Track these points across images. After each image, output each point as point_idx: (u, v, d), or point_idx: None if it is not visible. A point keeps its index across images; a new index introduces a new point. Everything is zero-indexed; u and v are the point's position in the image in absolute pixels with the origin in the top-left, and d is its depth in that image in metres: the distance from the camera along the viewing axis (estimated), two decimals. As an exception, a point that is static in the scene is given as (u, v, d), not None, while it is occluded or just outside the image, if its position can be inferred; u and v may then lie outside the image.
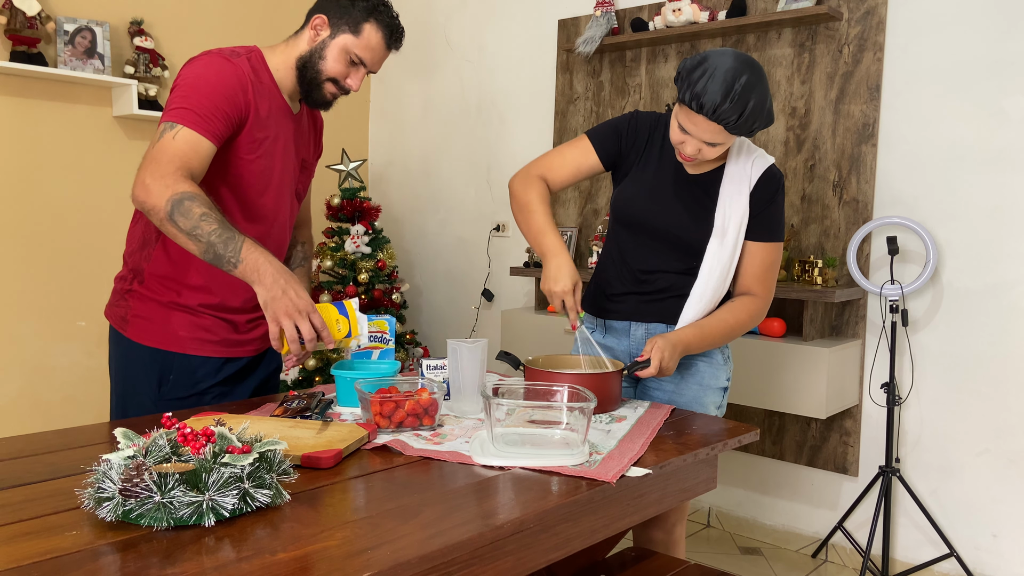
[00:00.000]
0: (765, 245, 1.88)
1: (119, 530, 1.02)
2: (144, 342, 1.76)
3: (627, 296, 1.96)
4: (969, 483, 2.81)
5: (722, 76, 1.64)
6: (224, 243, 1.51)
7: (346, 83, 1.77)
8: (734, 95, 1.64)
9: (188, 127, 1.59)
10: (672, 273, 1.91)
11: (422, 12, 4.32)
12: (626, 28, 3.50)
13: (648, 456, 1.44)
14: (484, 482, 1.27)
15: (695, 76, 1.67)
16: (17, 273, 3.32)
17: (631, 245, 1.95)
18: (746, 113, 1.66)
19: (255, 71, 1.73)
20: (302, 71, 1.76)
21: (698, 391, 1.93)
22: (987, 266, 2.75)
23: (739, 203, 1.84)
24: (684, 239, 1.87)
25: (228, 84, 1.65)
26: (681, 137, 1.77)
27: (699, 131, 1.72)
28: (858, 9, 2.96)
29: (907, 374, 2.91)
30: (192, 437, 1.08)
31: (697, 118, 1.70)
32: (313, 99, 1.80)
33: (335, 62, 1.75)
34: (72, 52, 3.31)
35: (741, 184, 1.85)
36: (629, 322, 1.97)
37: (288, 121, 1.82)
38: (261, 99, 1.73)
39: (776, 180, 1.88)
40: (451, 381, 1.71)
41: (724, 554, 3.14)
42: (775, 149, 3.15)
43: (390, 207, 4.53)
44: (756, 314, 1.89)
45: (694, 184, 1.89)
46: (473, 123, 4.16)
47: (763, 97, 1.68)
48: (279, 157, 1.81)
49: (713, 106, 1.65)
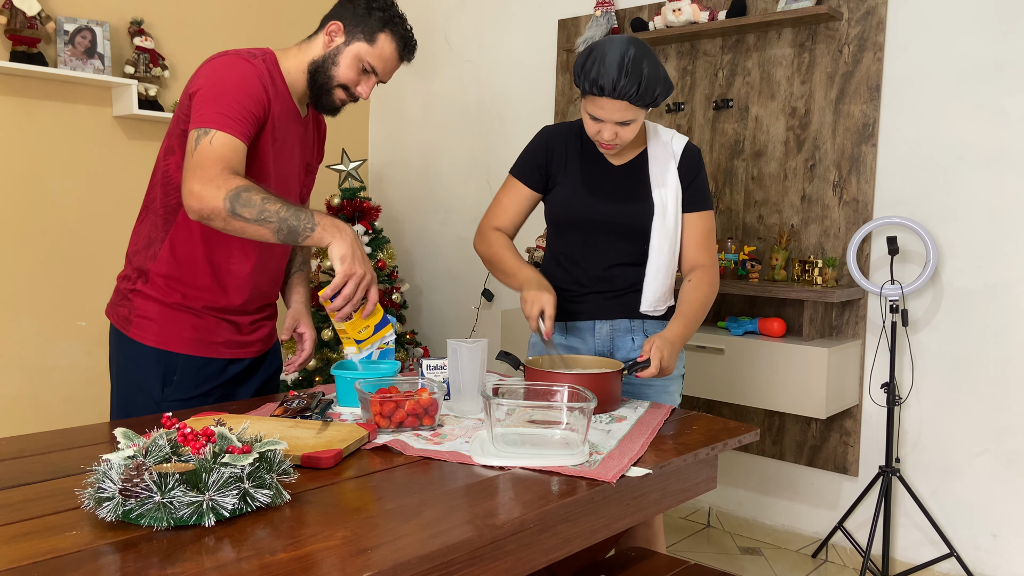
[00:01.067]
0: (700, 214, 2.00)
1: (119, 530, 1.02)
2: (148, 343, 1.76)
3: (589, 296, 2.01)
4: (969, 483, 2.81)
5: (611, 56, 1.76)
6: (295, 215, 1.54)
7: (356, 90, 1.78)
8: (626, 68, 1.74)
9: (222, 131, 1.60)
10: (628, 266, 1.98)
11: (422, 12, 4.32)
12: (626, 28, 3.50)
13: (648, 456, 1.44)
14: (484, 482, 1.27)
15: (588, 65, 1.78)
16: (17, 273, 3.32)
17: (580, 247, 2.00)
18: (643, 82, 1.76)
19: (269, 73, 1.74)
20: (314, 75, 1.77)
21: (664, 381, 2.00)
22: (987, 266, 2.75)
23: (670, 180, 1.96)
24: (630, 224, 1.95)
25: (252, 84, 1.67)
26: (595, 127, 1.86)
27: (608, 113, 1.81)
28: (858, 9, 2.96)
29: (907, 374, 2.91)
30: (192, 437, 1.08)
31: (602, 101, 1.79)
32: (323, 104, 1.81)
33: (347, 69, 1.75)
34: (72, 52, 3.31)
35: (667, 161, 1.97)
36: (594, 321, 2.01)
37: (296, 125, 1.83)
38: (276, 101, 1.74)
39: (696, 153, 2.01)
40: (451, 381, 1.71)
41: (724, 554, 3.14)
42: (775, 149, 3.15)
43: (390, 207, 4.53)
44: (714, 283, 2.00)
45: (623, 173, 1.98)
46: (473, 123, 4.16)
47: (655, 66, 1.79)
48: (286, 160, 1.81)
49: (612, 83, 1.75)
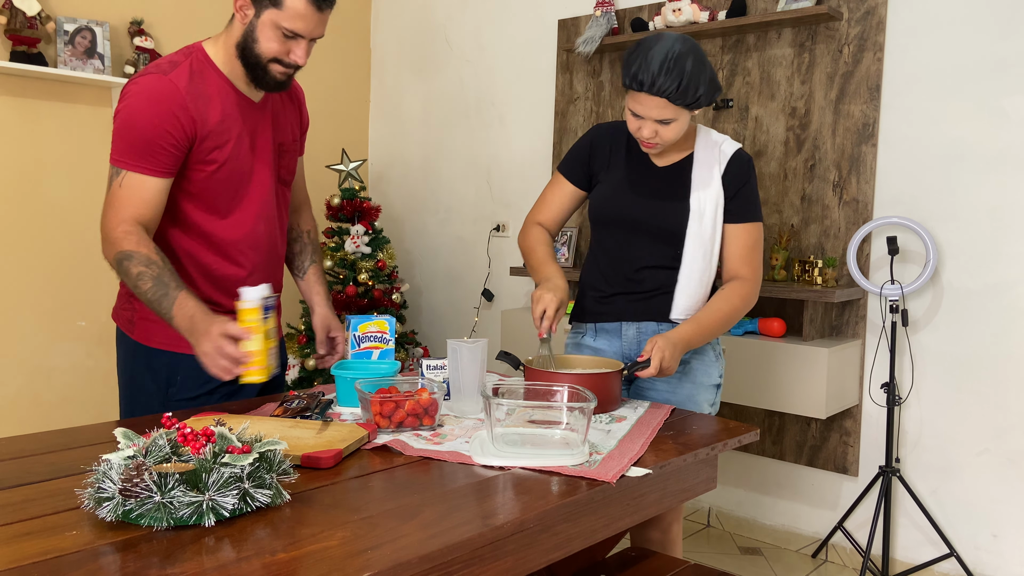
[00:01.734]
0: (745, 226, 1.93)
1: (119, 530, 1.02)
2: (152, 344, 1.76)
3: (615, 297, 1.99)
4: (969, 483, 2.81)
5: (655, 52, 1.74)
6: (160, 300, 1.56)
7: (290, 59, 1.66)
8: (668, 64, 1.72)
9: (132, 171, 1.60)
10: (660, 269, 1.94)
11: (422, 12, 4.31)
12: (626, 28, 3.50)
13: (648, 456, 1.44)
14: (484, 482, 1.27)
15: (631, 60, 1.77)
16: (17, 273, 3.32)
17: (614, 244, 1.98)
18: (684, 80, 1.73)
19: (199, 75, 1.67)
20: (243, 58, 1.68)
21: (692, 389, 1.95)
22: (987, 266, 2.75)
23: (712, 185, 1.90)
24: (664, 227, 1.92)
25: (162, 115, 1.60)
26: (635, 123, 1.83)
27: (647, 109, 1.79)
28: (858, 9, 2.96)
29: (907, 374, 2.91)
30: (192, 437, 1.08)
31: (641, 96, 1.77)
32: (265, 84, 1.71)
33: (269, 41, 1.64)
34: (72, 52, 3.31)
35: (711, 168, 1.91)
36: (620, 323, 1.99)
37: (250, 113, 1.75)
38: (209, 107, 1.67)
39: (746, 161, 1.94)
40: (451, 381, 1.71)
41: (724, 554, 3.14)
42: (775, 149, 3.15)
43: (390, 207, 4.53)
44: (748, 297, 1.92)
45: (665, 174, 1.95)
46: (473, 123, 4.16)
47: (699, 64, 1.75)
48: (246, 155, 1.75)
49: (652, 79, 1.73)
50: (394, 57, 4.46)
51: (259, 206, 1.80)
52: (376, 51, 4.55)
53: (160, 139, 1.60)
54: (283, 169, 1.87)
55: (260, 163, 1.79)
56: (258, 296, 1.53)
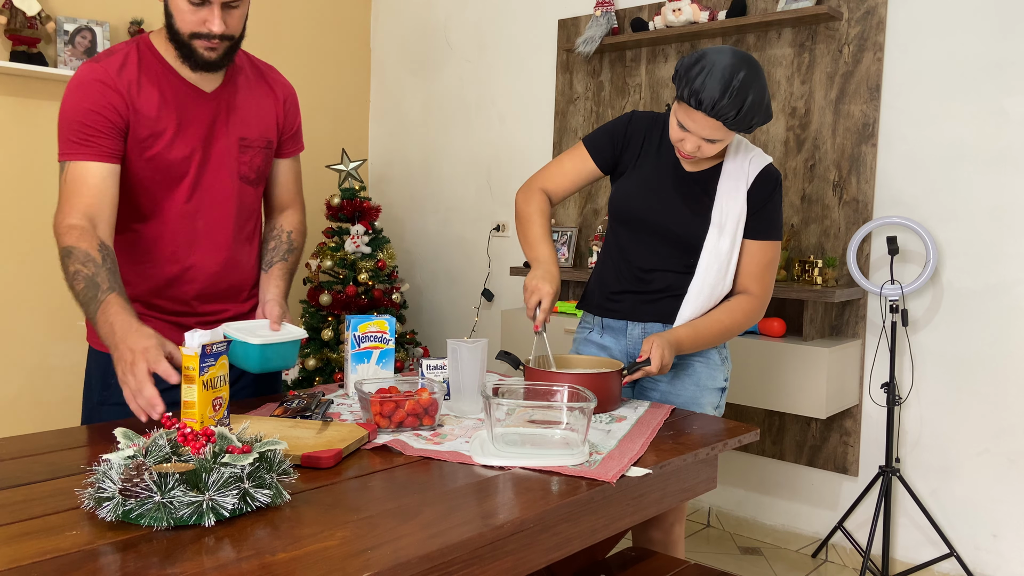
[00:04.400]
0: (762, 244, 1.88)
1: (119, 530, 1.02)
2: (93, 344, 1.76)
3: (624, 295, 1.97)
4: (969, 483, 2.81)
5: (720, 72, 1.66)
6: (88, 303, 1.48)
7: (207, 28, 1.56)
8: (732, 91, 1.65)
9: (71, 160, 1.57)
10: (671, 272, 1.91)
11: (422, 12, 4.31)
12: (626, 28, 3.50)
13: (648, 456, 1.44)
14: (484, 482, 1.27)
15: (693, 73, 1.69)
16: (17, 273, 3.32)
17: (630, 242, 1.95)
18: (744, 108, 1.67)
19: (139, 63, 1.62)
20: (172, 40, 1.61)
21: (695, 392, 1.94)
22: (987, 266, 2.75)
23: (736, 200, 1.85)
24: (682, 235, 1.88)
25: (92, 96, 1.56)
26: (680, 134, 1.78)
27: (698, 128, 1.73)
28: (858, 9, 2.96)
29: (907, 374, 2.91)
30: (192, 437, 1.08)
31: (696, 115, 1.71)
32: (195, 62, 1.61)
33: (182, 14, 1.56)
34: (72, 52, 3.31)
35: (739, 181, 1.86)
36: (626, 321, 1.98)
37: (199, 103, 1.67)
38: (143, 93, 1.61)
39: (773, 179, 1.88)
40: (451, 381, 1.71)
41: (724, 554, 3.14)
42: (775, 149, 3.15)
43: (390, 207, 4.53)
44: (752, 313, 1.89)
45: (692, 181, 1.90)
46: (473, 123, 4.16)
47: (761, 93, 1.69)
48: (187, 146, 1.66)
49: (712, 102, 1.66)
50: (394, 57, 4.46)
51: (202, 200, 1.70)
52: (376, 51, 4.55)
53: (93, 122, 1.56)
54: (244, 166, 1.75)
55: (212, 156, 1.70)
56: (198, 343, 1.33)
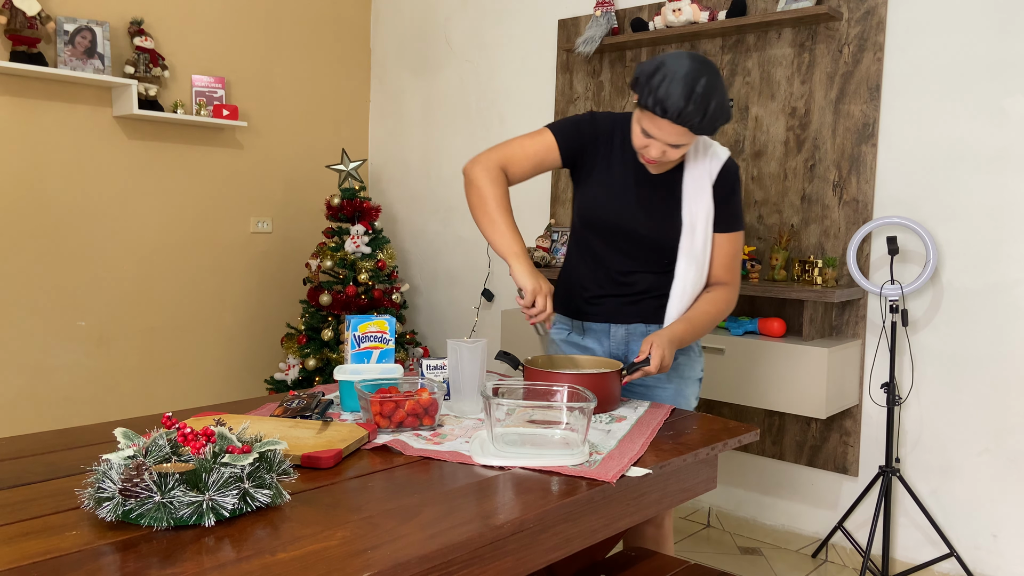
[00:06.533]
0: (730, 235, 1.95)
1: (119, 530, 1.02)
2: None
3: (605, 298, 1.99)
4: (969, 483, 2.81)
5: (682, 79, 1.68)
6: None
7: None
8: (696, 97, 1.68)
9: None
10: (650, 273, 1.95)
11: (422, 12, 4.31)
12: (626, 28, 3.50)
13: (648, 456, 1.44)
14: (484, 482, 1.27)
15: (655, 82, 1.70)
16: (17, 273, 3.32)
17: (603, 248, 1.97)
18: (709, 113, 1.70)
19: None
20: None
21: (680, 384, 1.99)
22: (987, 266, 2.75)
23: (703, 199, 1.89)
24: (655, 240, 1.91)
25: None
26: (644, 141, 1.79)
27: (664, 135, 1.75)
28: (858, 9, 2.96)
29: (907, 374, 2.91)
30: (192, 437, 1.08)
31: (661, 122, 1.73)
32: None
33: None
34: (72, 52, 3.31)
35: (702, 180, 1.90)
36: (609, 324, 2.00)
37: None
38: None
39: (734, 173, 1.94)
40: (451, 381, 1.71)
41: (724, 554, 3.14)
42: (775, 149, 3.15)
43: (390, 207, 4.53)
44: (731, 302, 1.98)
45: (657, 184, 1.92)
46: (473, 123, 4.16)
47: (723, 96, 1.73)
48: None
49: (677, 110, 1.69)
50: (394, 57, 4.46)
51: None
52: (376, 51, 4.55)
53: None
54: None
55: None
56: None
